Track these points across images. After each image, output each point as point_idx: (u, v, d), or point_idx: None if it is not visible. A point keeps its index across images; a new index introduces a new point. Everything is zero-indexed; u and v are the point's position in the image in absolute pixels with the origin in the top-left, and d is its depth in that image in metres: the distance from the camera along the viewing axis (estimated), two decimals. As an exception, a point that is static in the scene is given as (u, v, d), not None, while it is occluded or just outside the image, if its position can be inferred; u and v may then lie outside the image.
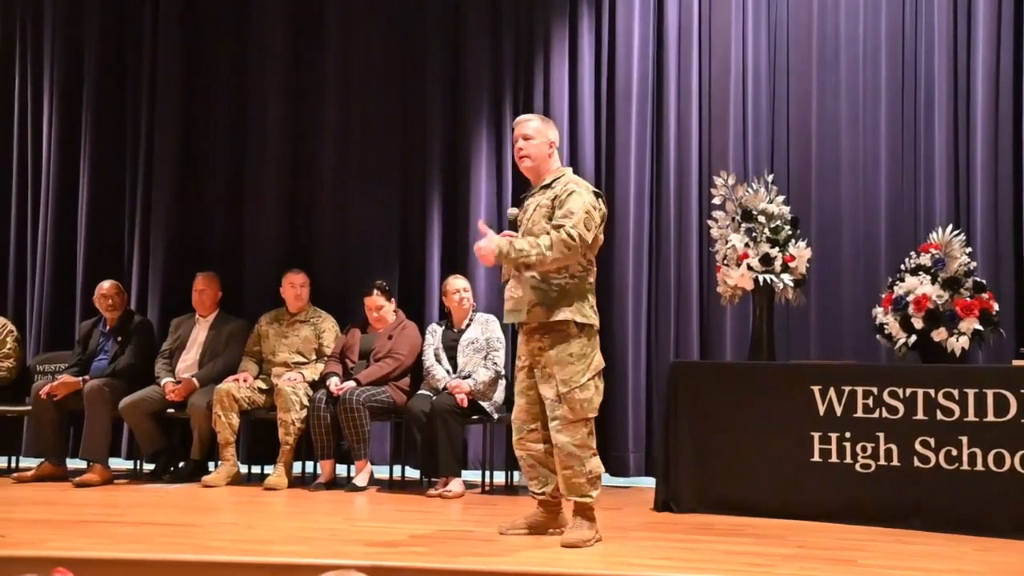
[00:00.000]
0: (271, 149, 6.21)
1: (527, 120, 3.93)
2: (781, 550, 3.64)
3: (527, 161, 3.85)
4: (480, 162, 5.95)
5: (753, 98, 5.63)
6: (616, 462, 5.52)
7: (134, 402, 5.43)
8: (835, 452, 4.27)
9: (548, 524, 3.87)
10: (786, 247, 4.71)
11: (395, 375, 5.38)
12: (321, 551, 3.49)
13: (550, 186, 3.79)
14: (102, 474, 5.29)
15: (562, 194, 3.71)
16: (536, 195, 3.83)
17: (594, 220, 3.68)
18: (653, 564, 3.34)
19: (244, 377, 5.49)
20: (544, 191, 3.80)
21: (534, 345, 3.74)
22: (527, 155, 3.84)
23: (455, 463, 5.06)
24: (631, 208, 5.64)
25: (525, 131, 3.86)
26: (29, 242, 6.43)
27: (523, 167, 3.89)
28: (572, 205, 3.64)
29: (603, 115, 5.83)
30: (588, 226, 3.63)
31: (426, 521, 4.24)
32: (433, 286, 5.89)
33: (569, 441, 3.65)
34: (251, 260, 6.19)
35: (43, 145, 6.43)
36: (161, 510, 4.51)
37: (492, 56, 6.02)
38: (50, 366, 5.92)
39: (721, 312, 5.45)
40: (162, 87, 6.30)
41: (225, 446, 5.31)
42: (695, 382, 4.65)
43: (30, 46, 6.50)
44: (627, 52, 5.80)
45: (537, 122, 3.91)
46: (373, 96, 6.15)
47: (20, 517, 4.24)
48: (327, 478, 5.24)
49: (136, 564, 3.32)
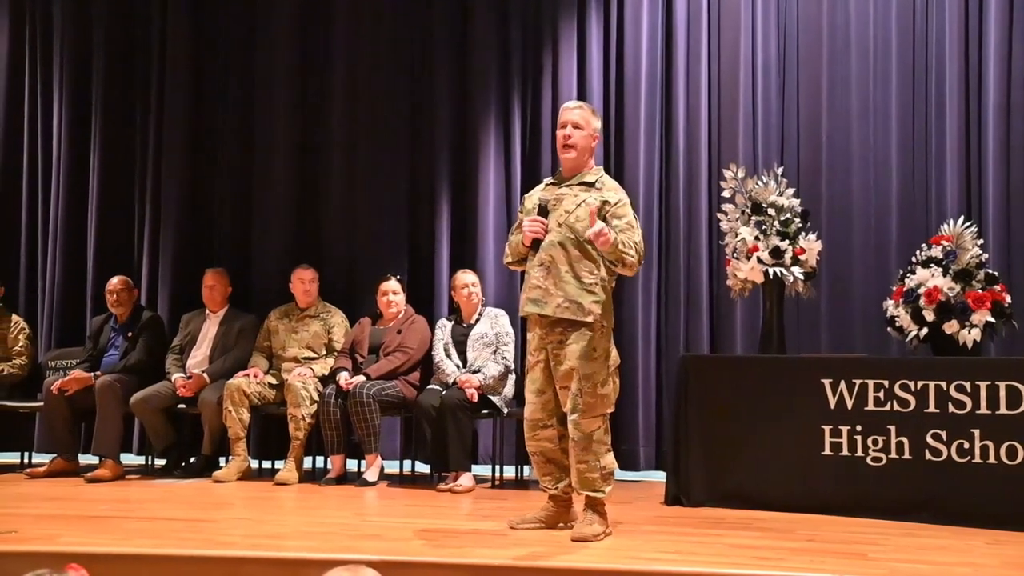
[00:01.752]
0: (280, 145, 6.21)
1: (576, 107, 3.84)
2: (791, 544, 3.63)
3: (572, 152, 3.77)
4: (488, 157, 5.94)
5: (763, 90, 5.61)
6: (626, 456, 5.51)
7: (145, 397, 5.45)
8: (846, 445, 4.25)
9: (559, 518, 3.87)
10: (796, 240, 4.69)
11: (405, 369, 5.38)
12: (332, 546, 3.50)
13: (593, 185, 3.74)
14: (114, 469, 5.31)
15: (616, 202, 3.69)
16: (575, 188, 3.76)
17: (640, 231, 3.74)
18: (663, 558, 3.33)
19: (254, 372, 5.50)
20: (586, 189, 3.74)
21: (553, 339, 3.71)
22: (573, 145, 3.76)
23: (465, 457, 5.07)
24: (640, 202, 5.62)
25: (573, 118, 3.77)
26: (40, 239, 6.45)
27: (566, 156, 3.79)
28: (629, 216, 3.69)
29: (612, 109, 5.82)
30: (641, 241, 3.69)
31: (436, 516, 4.25)
32: (442, 281, 5.89)
33: (586, 436, 3.65)
34: (260, 256, 6.20)
35: (53, 143, 6.45)
36: (172, 505, 4.53)
37: (500, 51, 6.01)
38: (62, 362, 5.94)
39: (731, 305, 5.44)
40: (171, 85, 6.31)
41: (236, 441, 5.32)
42: (705, 376, 4.63)
43: (40, 44, 6.50)
44: (635, 45, 5.78)
45: (585, 111, 3.83)
46: (381, 91, 6.15)
47: (32, 512, 4.26)
48: (337, 473, 5.25)
49: (148, 559, 3.33)
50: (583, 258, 3.68)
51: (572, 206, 3.71)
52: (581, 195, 3.73)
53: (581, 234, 3.65)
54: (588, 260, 3.68)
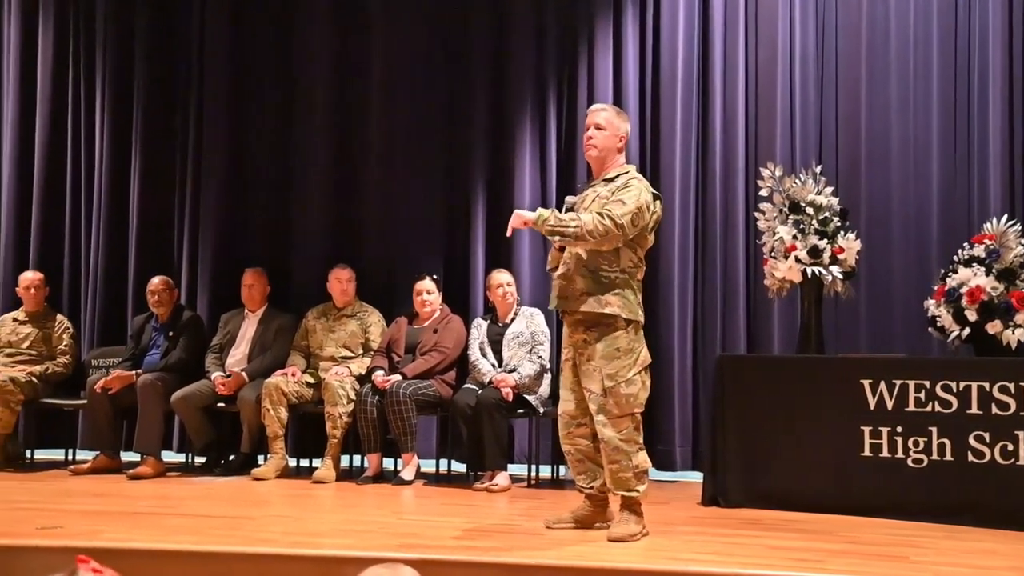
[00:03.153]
0: (317, 147, 6.26)
1: (600, 109, 3.90)
2: (831, 545, 3.59)
3: (593, 151, 3.82)
4: (524, 155, 5.94)
5: (801, 87, 5.56)
6: (663, 456, 5.49)
7: (185, 396, 5.52)
8: (886, 447, 4.20)
9: (595, 518, 3.86)
10: (835, 239, 4.64)
11: (440, 368, 5.40)
12: (369, 544, 3.52)
13: (613, 181, 3.77)
14: (155, 467, 5.39)
15: (622, 187, 3.69)
16: (597, 187, 3.80)
17: (643, 217, 3.66)
18: (700, 559, 3.31)
19: (292, 371, 5.55)
20: (606, 184, 3.77)
21: (579, 337, 3.73)
22: (595, 145, 3.81)
23: (501, 457, 5.07)
24: (676, 201, 5.60)
25: (597, 120, 3.82)
26: (83, 240, 6.55)
27: (588, 155, 3.86)
28: (626, 196, 3.64)
29: (647, 106, 5.80)
30: (635, 221, 3.62)
31: (472, 515, 4.25)
32: (478, 280, 5.91)
33: (615, 436, 3.64)
34: (298, 255, 6.25)
35: (95, 146, 6.54)
36: (212, 502, 4.58)
37: (536, 48, 6.01)
38: (104, 360, 6.04)
39: (768, 305, 5.40)
40: (210, 87, 6.38)
41: (274, 439, 5.37)
42: (742, 376, 4.60)
43: (83, 48, 6.60)
44: (672, 41, 5.75)
45: (611, 113, 3.87)
46: (418, 91, 6.17)
47: (76, 508, 4.33)
48: (374, 471, 5.28)
49: (188, 556, 3.37)
50: (602, 251, 3.68)
51: (589, 202, 3.76)
52: (600, 190, 3.77)
53: None
54: (608, 253, 3.68)
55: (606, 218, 3.57)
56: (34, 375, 5.78)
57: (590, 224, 3.57)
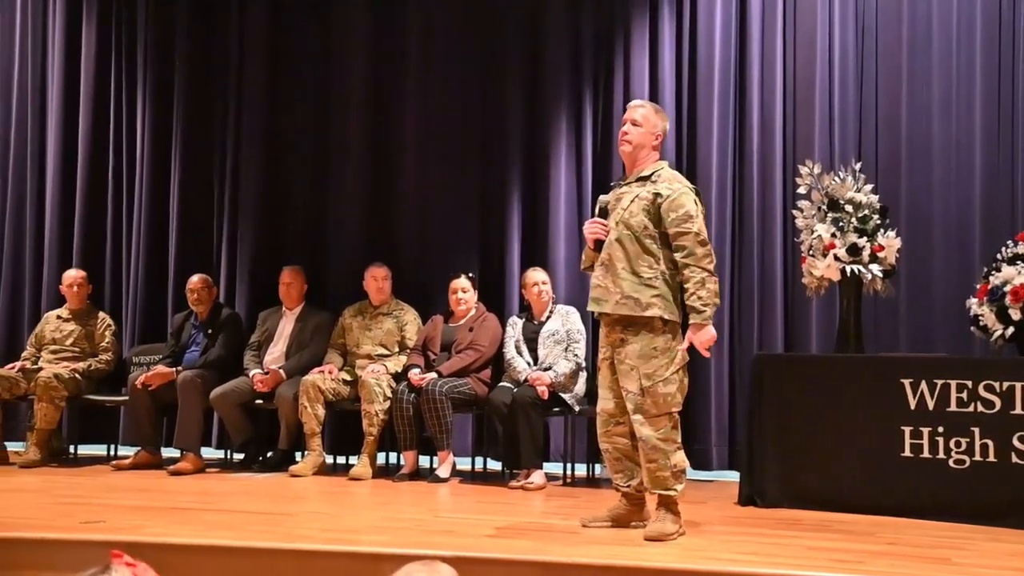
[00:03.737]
0: (354, 146, 6.29)
1: (639, 106, 3.90)
2: (871, 547, 3.55)
3: (627, 146, 3.81)
4: (560, 153, 5.94)
5: (840, 84, 5.50)
6: (699, 455, 5.46)
7: (224, 393, 5.58)
8: (927, 447, 4.14)
9: (631, 517, 3.85)
10: (875, 237, 4.59)
11: (476, 367, 5.41)
12: (406, 541, 3.53)
13: (649, 179, 3.75)
14: (195, 463, 5.45)
15: (669, 195, 3.67)
16: (633, 185, 3.78)
17: (701, 219, 3.71)
18: (738, 559, 3.29)
19: (329, 369, 5.59)
20: (642, 183, 3.75)
21: (616, 337, 3.72)
22: (629, 140, 3.80)
23: (536, 455, 5.07)
24: (713, 198, 5.57)
25: (634, 116, 3.83)
26: (124, 240, 6.64)
27: (622, 151, 3.86)
28: (688, 208, 3.64)
29: (684, 106, 5.77)
30: (702, 228, 3.67)
31: (508, 513, 4.26)
32: (513, 279, 5.91)
33: (653, 435, 3.63)
34: (335, 254, 6.29)
35: (136, 147, 6.63)
36: (251, 498, 4.63)
37: (572, 46, 6.00)
38: (145, 357, 6.12)
39: (806, 303, 5.35)
40: (249, 86, 6.44)
41: (311, 436, 5.42)
42: (780, 375, 4.56)
43: (124, 50, 6.69)
44: (708, 38, 5.72)
45: (648, 110, 3.87)
46: (453, 89, 6.19)
47: (119, 503, 4.40)
48: (410, 469, 5.31)
49: (228, 551, 3.41)
50: (642, 253, 3.67)
51: (627, 202, 3.74)
52: (636, 190, 3.75)
53: (636, 229, 3.67)
54: (647, 255, 3.67)
55: (695, 248, 3.60)
56: (77, 372, 5.87)
57: (699, 269, 3.59)
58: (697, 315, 3.60)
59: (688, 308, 3.63)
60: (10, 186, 6.79)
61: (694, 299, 3.60)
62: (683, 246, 3.62)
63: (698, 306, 3.59)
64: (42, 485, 4.99)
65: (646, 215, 3.67)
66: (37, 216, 6.75)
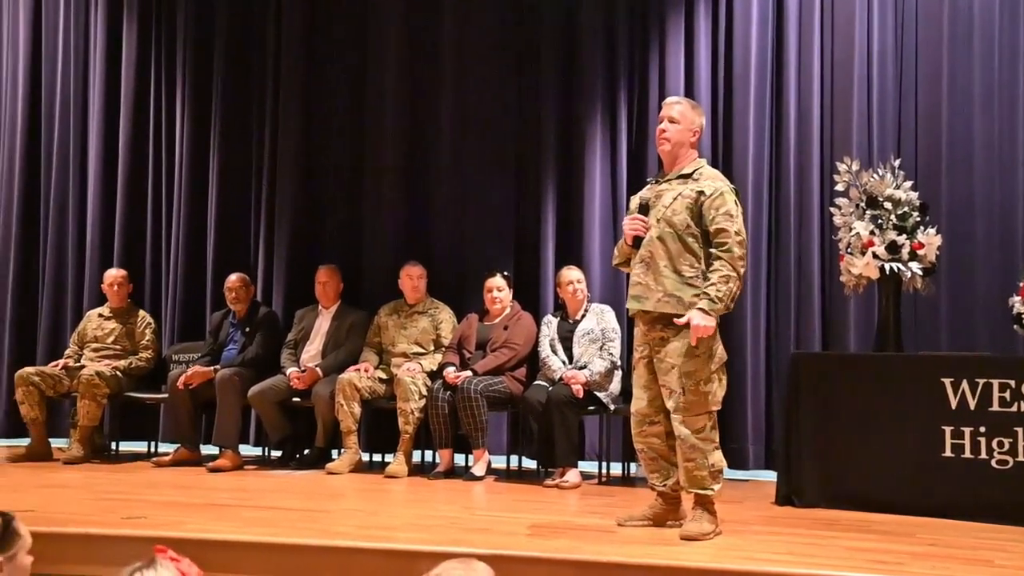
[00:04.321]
0: (388, 145, 6.32)
1: (675, 103, 3.88)
2: (911, 548, 3.51)
3: (666, 145, 3.79)
4: (594, 153, 5.92)
5: (879, 79, 5.43)
6: (735, 454, 5.42)
7: (262, 391, 5.63)
8: (968, 447, 4.09)
9: (667, 516, 3.84)
10: (914, 234, 4.53)
11: (511, 365, 5.42)
12: (441, 538, 3.55)
13: (691, 177, 3.74)
14: (233, 460, 5.51)
15: (712, 193, 3.66)
16: (673, 182, 3.76)
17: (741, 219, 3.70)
18: (775, 559, 3.27)
19: (365, 367, 5.62)
20: (684, 181, 3.74)
21: (655, 335, 3.70)
22: (667, 138, 3.79)
23: (572, 453, 5.07)
24: (749, 196, 5.52)
25: (671, 113, 3.81)
26: (163, 239, 6.72)
27: (661, 149, 3.84)
28: (729, 207, 3.64)
29: (720, 103, 5.73)
30: (742, 229, 3.66)
31: (543, 511, 4.26)
32: (548, 277, 5.90)
33: (692, 434, 3.61)
34: (370, 253, 6.33)
35: (176, 149, 6.70)
36: (288, 495, 4.67)
37: (607, 42, 5.98)
38: (184, 355, 6.19)
39: (844, 302, 5.30)
40: (285, 87, 6.48)
41: (347, 434, 5.45)
42: (818, 373, 4.53)
43: (164, 51, 6.77)
44: (745, 37, 5.67)
45: (685, 106, 3.85)
46: (489, 86, 6.19)
47: (159, 499, 4.46)
48: (445, 467, 5.33)
49: (266, 547, 3.45)
50: (684, 251, 3.66)
51: (670, 200, 3.71)
52: (678, 188, 3.73)
53: (679, 227, 3.65)
54: (689, 253, 3.66)
55: (733, 247, 3.57)
56: (119, 369, 5.96)
57: (729, 266, 3.57)
58: (709, 303, 3.54)
59: (702, 294, 3.57)
60: (53, 187, 6.90)
61: (712, 288, 3.56)
62: (723, 243, 3.61)
63: (713, 295, 3.55)
64: (85, 481, 5.08)
65: (689, 213, 3.66)
66: (79, 216, 6.86)
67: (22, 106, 6.97)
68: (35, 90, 7.00)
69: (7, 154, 7.02)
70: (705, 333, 3.55)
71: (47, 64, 7.02)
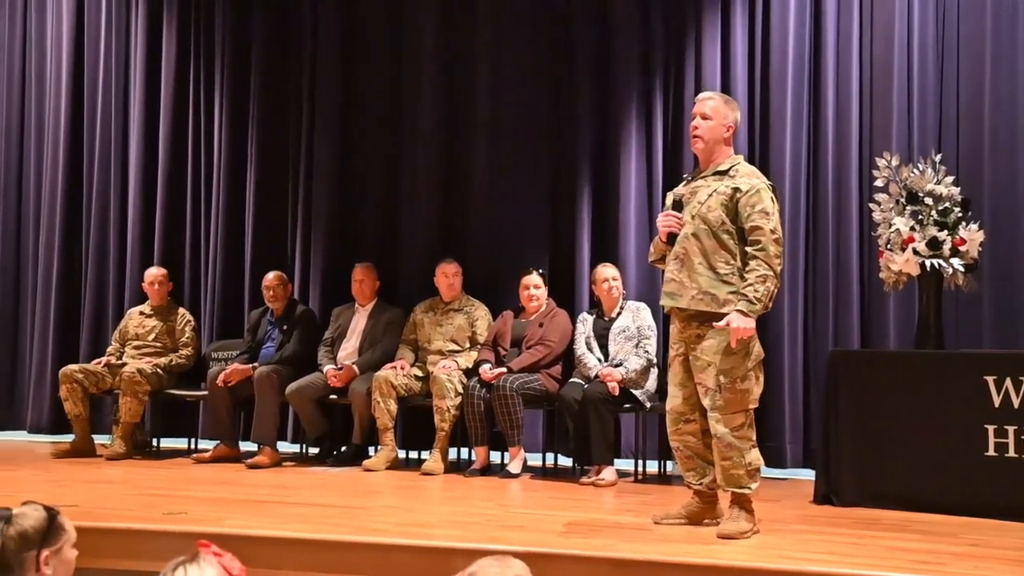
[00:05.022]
0: (423, 143, 6.34)
1: (707, 98, 3.84)
2: (953, 548, 3.46)
3: (699, 142, 3.76)
4: (630, 150, 5.90)
5: (919, 74, 5.35)
6: (773, 453, 5.38)
7: (299, 388, 5.68)
8: (1012, 446, 4.02)
9: (704, 514, 3.82)
10: (956, 230, 4.46)
11: (546, 362, 5.42)
12: (478, 536, 3.56)
13: (727, 173, 3.70)
14: (272, 457, 5.57)
15: (747, 190, 3.63)
16: (709, 179, 3.73)
17: (778, 217, 3.66)
18: (814, 558, 3.24)
19: (401, 365, 5.65)
20: (719, 177, 3.71)
21: (691, 333, 3.68)
22: (700, 136, 3.75)
23: (608, 451, 5.06)
24: (787, 192, 5.46)
25: (703, 110, 3.77)
26: (203, 238, 6.80)
27: (695, 147, 3.79)
28: (765, 204, 3.60)
29: (756, 98, 5.68)
30: (778, 226, 3.62)
31: (579, 509, 4.26)
32: (583, 275, 5.89)
33: (728, 432, 3.59)
34: (406, 251, 6.36)
35: (214, 149, 6.78)
36: (325, 492, 4.71)
37: (642, 38, 5.95)
38: (223, 353, 6.26)
39: (883, 299, 5.23)
40: (322, 87, 6.53)
41: (384, 431, 5.48)
42: (856, 371, 4.48)
43: (203, 54, 6.84)
44: (782, 31, 5.62)
45: (718, 101, 3.81)
46: (523, 84, 6.19)
47: (200, 495, 4.52)
48: (481, 464, 5.34)
49: (304, 543, 3.48)
50: (719, 248, 3.63)
51: (704, 196, 3.69)
52: (713, 184, 3.70)
53: (714, 224, 3.63)
54: (724, 250, 3.63)
55: (768, 245, 3.54)
56: (159, 367, 6.04)
57: (766, 265, 3.54)
58: (748, 305, 3.51)
59: (740, 295, 3.54)
60: (95, 188, 7.02)
61: (750, 289, 3.52)
62: (757, 240, 3.58)
63: (751, 296, 3.52)
64: (127, 477, 5.16)
65: (724, 210, 3.63)
66: (120, 216, 6.97)
67: (65, 110, 7.10)
68: (77, 94, 7.13)
69: (51, 157, 7.15)
70: (745, 335, 3.53)
71: (89, 69, 7.14)
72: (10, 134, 7.39)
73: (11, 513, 2.06)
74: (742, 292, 3.54)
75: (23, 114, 7.38)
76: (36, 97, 7.31)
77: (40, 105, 7.29)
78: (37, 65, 7.33)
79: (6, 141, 7.39)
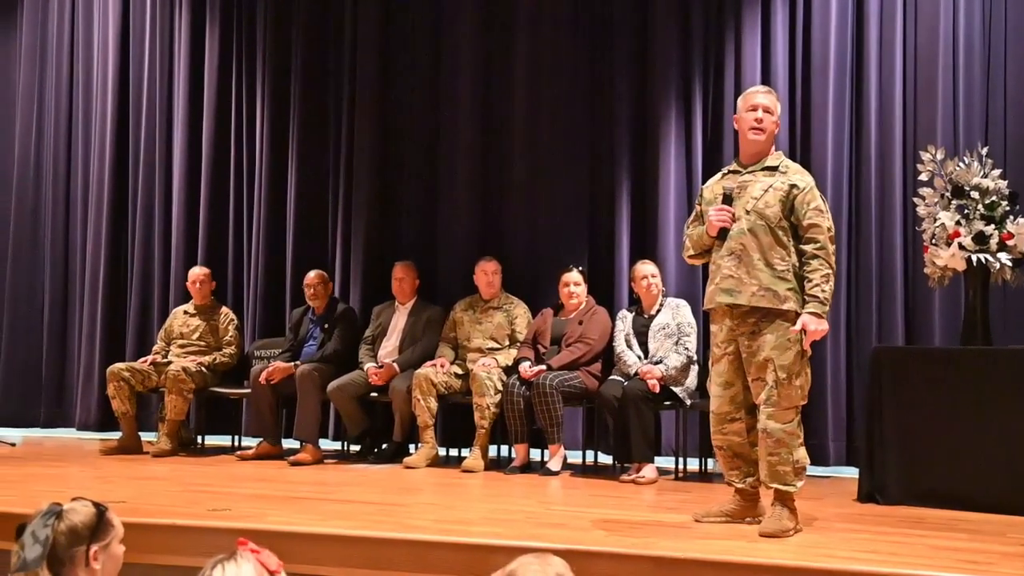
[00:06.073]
0: (462, 142, 6.36)
1: (767, 92, 3.84)
2: (1001, 548, 3.40)
3: (761, 136, 3.73)
4: (669, 144, 5.87)
5: (965, 66, 5.26)
6: (815, 450, 5.29)
7: (341, 386, 5.72)
8: (1062, 445, 3.94)
9: (745, 513, 3.79)
10: (1003, 224, 4.38)
11: (586, 360, 5.41)
12: (518, 533, 3.56)
13: (776, 169, 3.70)
14: (313, 454, 5.62)
15: (804, 187, 3.63)
16: (758, 174, 3.71)
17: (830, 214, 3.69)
18: (858, 557, 3.20)
19: (441, 362, 5.67)
20: (770, 173, 3.69)
21: (746, 330, 3.64)
22: (763, 129, 3.73)
23: (648, 449, 5.04)
24: (828, 187, 5.40)
25: (766, 103, 3.75)
26: (245, 238, 6.89)
27: (755, 139, 3.74)
28: (819, 202, 3.64)
29: (798, 93, 5.63)
30: (831, 224, 3.65)
31: (620, 506, 4.25)
32: (622, 272, 5.88)
33: (780, 428, 3.56)
34: (445, 249, 6.38)
35: (256, 150, 6.86)
36: (366, 489, 4.74)
37: (681, 33, 5.92)
38: (265, 351, 6.33)
39: (928, 295, 5.15)
40: (361, 87, 6.57)
41: (424, 429, 5.51)
42: (901, 368, 4.41)
43: (245, 55, 6.93)
44: (824, 24, 5.56)
45: (773, 97, 3.83)
46: (562, 80, 6.18)
47: (243, 492, 4.57)
48: (521, 462, 5.34)
49: (345, 540, 3.50)
50: (775, 245, 3.61)
51: (759, 192, 3.66)
52: (766, 180, 3.67)
53: (772, 220, 3.61)
54: (779, 247, 3.62)
55: (827, 243, 3.58)
56: (204, 365, 6.12)
57: (827, 264, 3.57)
58: (819, 305, 3.54)
59: (809, 296, 3.56)
60: (140, 189, 7.14)
61: (817, 290, 3.54)
62: (815, 239, 3.58)
63: (821, 297, 3.54)
64: (172, 474, 5.23)
65: (781, 206, 3.62)
66: (165, 216, 7.08)
67: (111, 110, 7.24)
68: (123, 94, 7.27)
69: (98, 159, 7.30)
70: (819, 336, 3.56)
71: (134, 69, 7.27)
72: (58, 136, 7.55)
73: (61, 509, 2.10)
74: (811, 293, 3.55)
75: (71, 117, 7.54)
76: (83, 99, 7.47)
77: (87, 107, 7.45)
78: (84, 68, 7.48)
79: (54, 142, 7.56)
